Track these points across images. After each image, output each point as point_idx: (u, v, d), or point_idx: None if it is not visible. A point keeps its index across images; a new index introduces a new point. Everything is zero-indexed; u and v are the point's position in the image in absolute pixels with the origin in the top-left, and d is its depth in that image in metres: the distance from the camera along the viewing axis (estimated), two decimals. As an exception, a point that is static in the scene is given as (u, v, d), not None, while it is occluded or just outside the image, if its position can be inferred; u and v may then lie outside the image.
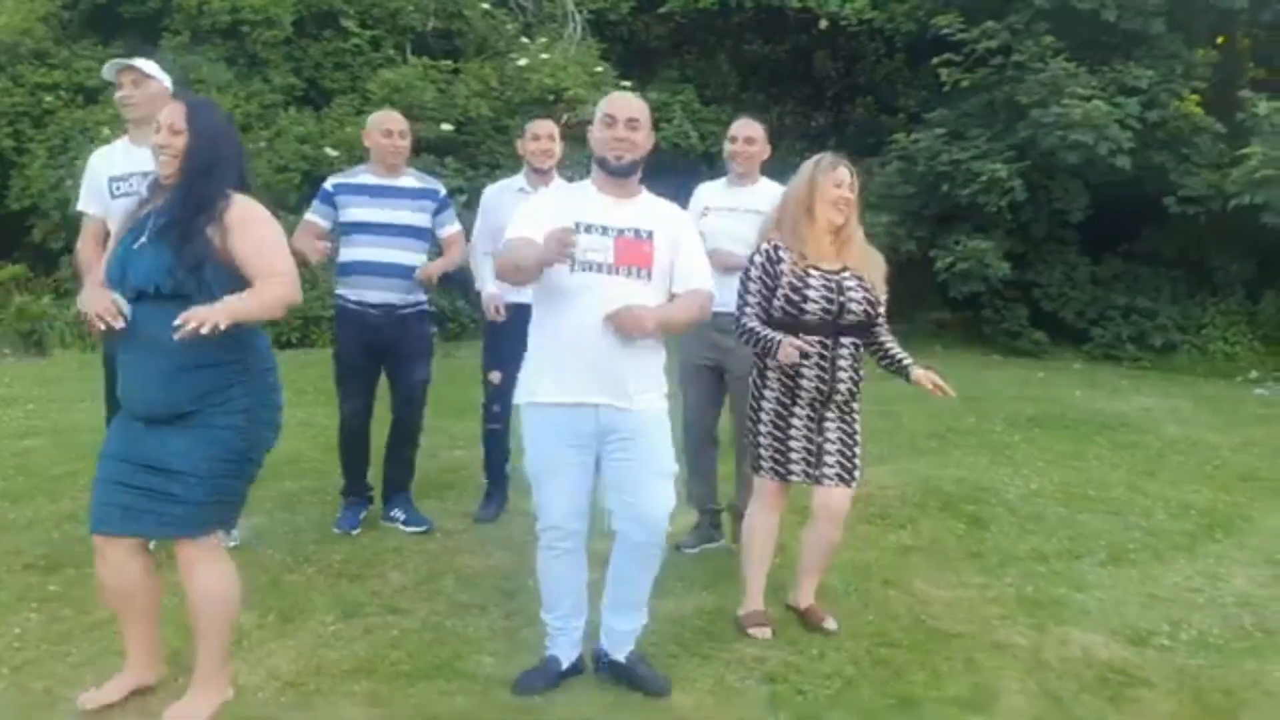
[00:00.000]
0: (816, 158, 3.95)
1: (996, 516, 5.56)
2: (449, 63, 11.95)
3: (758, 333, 3.85)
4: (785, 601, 4.18)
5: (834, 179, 3.84)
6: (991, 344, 12.90)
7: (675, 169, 12.68)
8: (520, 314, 5.02)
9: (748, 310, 3.91)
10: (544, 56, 11.66)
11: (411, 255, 4.88)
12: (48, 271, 11.47)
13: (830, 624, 4.00)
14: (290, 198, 10.68)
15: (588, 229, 3.29)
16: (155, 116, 4.69)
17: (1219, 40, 13.58)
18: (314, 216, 4.93)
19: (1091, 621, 4.26)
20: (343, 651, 3.69)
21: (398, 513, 5.09)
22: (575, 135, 5.92)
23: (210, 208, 3.02)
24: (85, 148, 10.97)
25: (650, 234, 3.36)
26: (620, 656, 3.54)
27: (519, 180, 5.22)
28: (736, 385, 4.81)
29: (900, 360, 3.99)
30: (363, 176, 4.94)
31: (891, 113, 15.00)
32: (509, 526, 5.16)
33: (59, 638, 3.69)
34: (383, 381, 5.06)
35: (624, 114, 3.36)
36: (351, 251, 4.87)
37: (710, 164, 12.16)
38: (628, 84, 12.82)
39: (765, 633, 3.95)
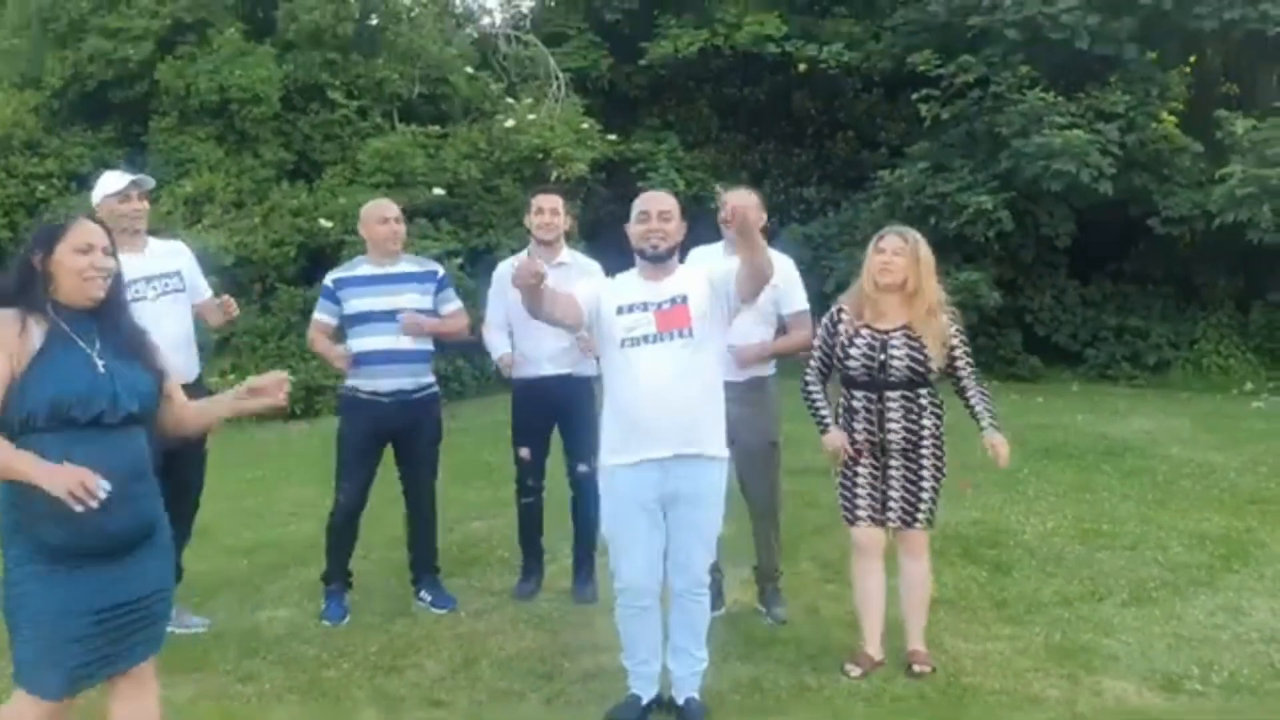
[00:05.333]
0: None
1: (1017, 560, 5.62)
2: (437, 128, 12.09)
3: (815, 405, 4.33)
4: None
5: (878, 246, 4.22)
6: (988, 371, 12.90)
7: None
8: (539, 390, 5.14)
9: (811, 366, 4.37)
10: (530, 117, 11.80)
11: (418, 340, 4.96)
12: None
13: (918, 668, 4.24)
14: (288, 270, 10.78)
15: (629, 309, 3.76)
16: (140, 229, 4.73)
17: (1191, 60, 13.79)
18: (321, 315, 5.06)
19: (1121, 668, 4.32)
20: (390, 750, 3.73)
21: (425, 594, 5.14)
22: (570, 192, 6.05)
23: None
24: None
25: (685, 298, 3.74)
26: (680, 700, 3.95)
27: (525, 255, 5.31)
28: (741, 456, 4.48)
29: (978, 417, 4.35)
30: (362, 268, 5.05)
31: (873, 147, 15.16)
32: (537, 602, 5.21)
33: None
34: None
35: (657, 209, 3.85)
36: (360, 342, 4.94)
37: (698, 204, 12.21)
38: (613, 137, 12.97)
39: (852, 670, 4.25)
